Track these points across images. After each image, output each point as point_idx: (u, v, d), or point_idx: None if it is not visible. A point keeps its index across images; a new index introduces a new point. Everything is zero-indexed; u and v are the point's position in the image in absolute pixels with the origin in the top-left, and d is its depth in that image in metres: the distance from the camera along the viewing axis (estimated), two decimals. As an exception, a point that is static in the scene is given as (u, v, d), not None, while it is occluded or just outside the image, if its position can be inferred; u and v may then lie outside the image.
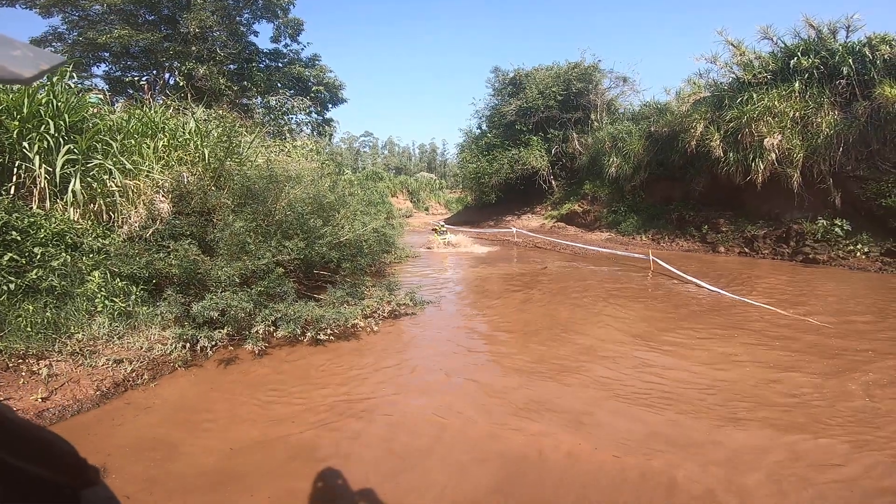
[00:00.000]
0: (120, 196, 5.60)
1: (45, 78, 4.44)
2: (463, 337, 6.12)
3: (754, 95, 13.53)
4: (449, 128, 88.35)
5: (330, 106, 26.37)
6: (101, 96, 8.05)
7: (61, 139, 5.52)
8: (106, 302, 4.79)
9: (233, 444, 3.39)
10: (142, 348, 4.69)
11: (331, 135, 26.15)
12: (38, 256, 4.69)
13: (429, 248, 15.39)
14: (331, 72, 25.34)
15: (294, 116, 23.45)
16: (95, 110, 6.66)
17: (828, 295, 8.20)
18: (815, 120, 12.48)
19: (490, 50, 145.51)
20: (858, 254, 10.93)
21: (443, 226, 17.40)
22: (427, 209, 45.77)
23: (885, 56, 11.83)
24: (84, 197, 5.43)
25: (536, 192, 22.46)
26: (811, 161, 12.28)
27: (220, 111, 9.20)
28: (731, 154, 13.54)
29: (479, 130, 26.63)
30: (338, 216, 7.63)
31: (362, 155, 70.29)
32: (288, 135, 16.03)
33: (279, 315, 5.34)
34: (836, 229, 11.64)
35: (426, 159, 76.40)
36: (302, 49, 24.61)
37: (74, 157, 5.52)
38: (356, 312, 5.90)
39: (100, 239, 5.24)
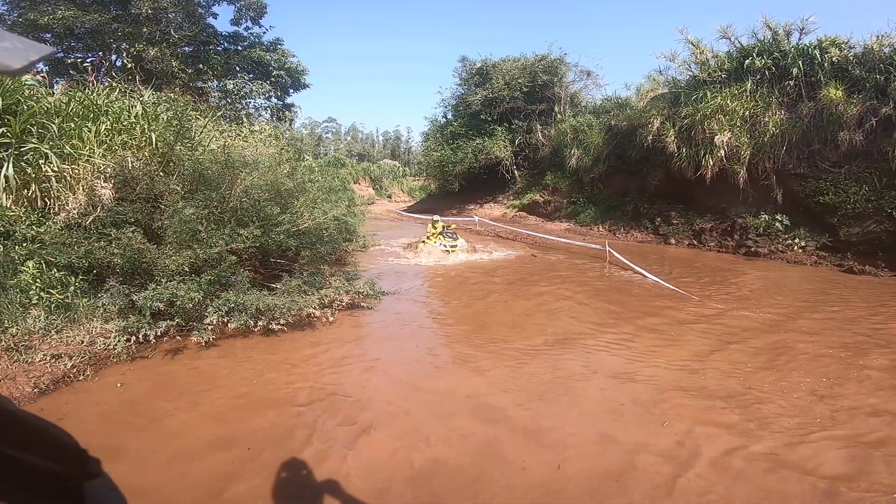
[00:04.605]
0: (57, 181, 5.32)
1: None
2: (416, 329, 6.19)
3: (708, 93, 13.97)
4: (414, 115, 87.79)
5: (291, 91, 25.73)
6: (38, 78, 7.58)
7: (-8, 122, 5.20)
8: (42, 294, 4.58)
9: (178, 442, 3.35)
10: (83, 342, 4.52)
11: (291, 120, 25.50)
12: (-33, 245, 4.43)
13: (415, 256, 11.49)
14: (293, 56, 24.72)
15: (252, 101, 22.77)
16: (31, 92, 6.28)
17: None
18: (762, 119, 12.99)
19: (458, 38, 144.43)
20: (796, 248, 11.58)
21: (440, 221, 12.67)
22: (390, 196, 45.38)
23: (833, 59, 12.33)
24: (17, 182, 5.14)
25: (499, 182, 22.67)
26: (757, 158, 12.83)
27: (172, 94, 8.81)
28: (685, 149, 13.96)
29: (444, 119, 26.51)
30: (297, 203, 7.49)
31: (324, 141, 68.66)
32: (245, 119, 15.50)
33: (231, 305, 5.23)
34: (777, 224, 12.28)
35: (390, 146, 75.36)
36: (264, 32, 23.87)
37: (7, 140, 5.21)
38: (312, 302, 5.84)
39: (34, 227, 4.99)
